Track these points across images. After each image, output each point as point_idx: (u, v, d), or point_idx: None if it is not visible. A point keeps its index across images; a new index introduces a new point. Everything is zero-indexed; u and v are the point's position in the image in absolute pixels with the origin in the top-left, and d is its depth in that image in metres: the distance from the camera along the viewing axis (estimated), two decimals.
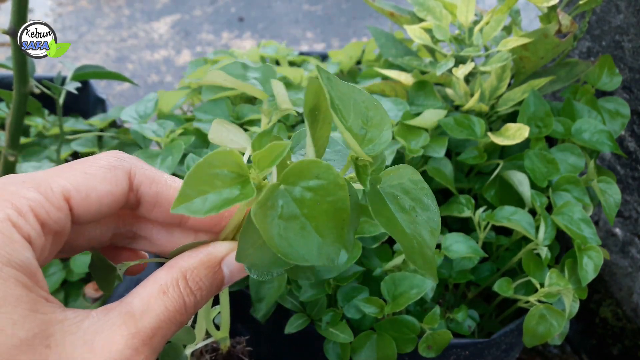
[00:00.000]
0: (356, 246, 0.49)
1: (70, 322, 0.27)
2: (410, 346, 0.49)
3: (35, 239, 0.28)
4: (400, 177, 0.30)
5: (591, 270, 0.50)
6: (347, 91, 0.29)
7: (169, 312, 0.29)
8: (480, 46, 0.58)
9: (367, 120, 0.30)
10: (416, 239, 0.29)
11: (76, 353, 0.26)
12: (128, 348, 0.27)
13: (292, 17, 1.75)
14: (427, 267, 0.28)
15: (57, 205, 0.30)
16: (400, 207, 0.29)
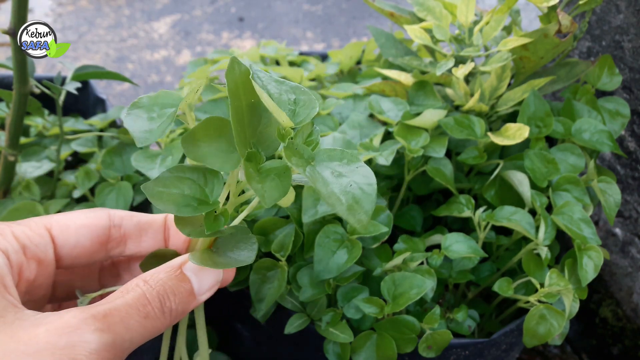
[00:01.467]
0: (356, 246, 0.49)
1: (25, 313, 0.28)
2: (410, 346, 0.49)
3: (11, 253, 0.31)
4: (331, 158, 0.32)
5: (591, 270, 0.50)
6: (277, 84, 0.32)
7: (128, 301, 0.29)
8: (480, 46, 0.58)
9: (297, 101, 0.32)
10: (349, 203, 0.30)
11: (21, 328, 0.26)
12: (74, 318, 0.27)
13: (292, 17, 1.75)
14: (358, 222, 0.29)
15: (38, 232, 0.33)
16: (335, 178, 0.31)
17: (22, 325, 0.27)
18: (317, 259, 0.49)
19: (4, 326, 0.26)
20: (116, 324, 0.28)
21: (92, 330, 0.26)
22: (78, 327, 0.26)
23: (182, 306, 0.31)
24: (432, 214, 0.59)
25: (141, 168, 0.56)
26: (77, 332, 0.26)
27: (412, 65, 0.64)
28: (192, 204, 0.31)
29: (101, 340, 0.27)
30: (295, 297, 0.51)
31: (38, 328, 0.26)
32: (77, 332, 0.26)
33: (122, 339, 0.28)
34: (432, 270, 0.51)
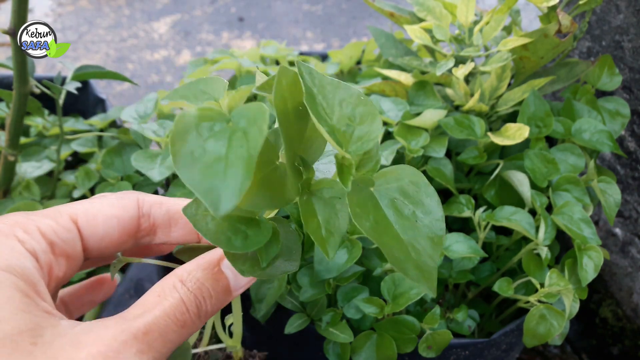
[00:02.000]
0: (356, 246, 0.49)
1: (63, 327, 0.27)
2: (410, 346, 0.49)
3: (40, 254, 0.29)
4: (399, 179, 0.28)
5: (591, 270, 0.50)
6: (332, 88, 0.27)
7: (167, 312, 0.28)
8: (480, 46, 0.58)
9: (354, 117, 0.27)
10: (413, 246, 0.26)
11: (62, 349, 0.25)
12: (115, 341, 0.26)
13: (292, 17, 1.75)
14: (424, 278, 0.25)
15: (65, 226, 0.31)
16: (397, 211, 0.27)
17: (62, 345, 0.26)
18: (317, 259, 0.49)
19: (44, 347, 0.25)
20: (155, 340, 0.27)
21: (134, 354, 0.26)
22: (120, 352, 0.26)
23: (217, 306, 0.30)
24: None
25: (141, 168, 0.56)
26: (120, 357, 0.26)
27: (412, 65, 0.64)
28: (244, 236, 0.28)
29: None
30: (295, 297, 0.51)
31: (79, 351, 0.25)
32: (120, 358, 0.26)
33: (161, 355, 0.28)
34: None
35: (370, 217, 0.26)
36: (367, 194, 0.27)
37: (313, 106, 0.25)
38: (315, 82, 0.26)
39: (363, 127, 0.27)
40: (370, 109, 0.27)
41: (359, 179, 0.27)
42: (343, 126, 0.27)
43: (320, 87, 0.26)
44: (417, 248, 0.26)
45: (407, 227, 0.27)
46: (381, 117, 0.59)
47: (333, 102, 0.27)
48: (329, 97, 0.27)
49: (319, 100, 0.26)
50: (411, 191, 0.28)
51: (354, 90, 0.27)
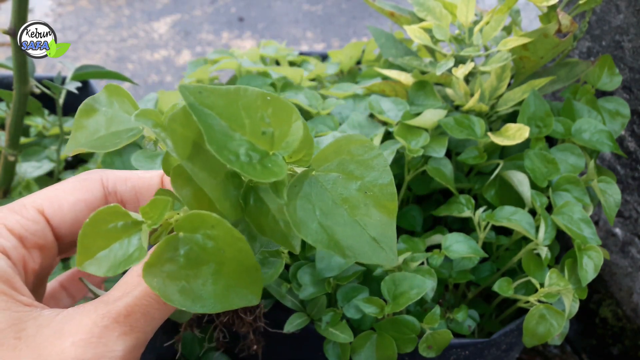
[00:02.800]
0: None
1: (44, 318, 0.27)
2: (410, 346, 0.49)
3: (10, 250, 0.29)
4: (339, 152, 0.26)
5: (591, 270, 0.50)
6: (227, 101, 0.24)
7: (147, 291, 0.28)
8: (480, 46, 0.58)
9: (268, 119, 0.25)
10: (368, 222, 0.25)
11: (46, 341, 0.26)
12: (96, 326, 0.26)
13: (292, 17, 1.75)
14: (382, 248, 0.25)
15: (32, 218, 0.31)
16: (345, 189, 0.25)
17: (46, 336, 0.26)
18: (318, 257, 0.49)
19: (29, 340, 0.26)
20: (138, 321, 0.27)
21: (117, 337, 0.26)
22: (102, 337, 0.26)
23: None
24: (432, 214, 0.59)
25: (141, 168, 0.56)
26: (101, 341, 0.26)
27: (412, 65, 0.64)
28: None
29: (126, 345, 0.26)
30: (295, 296, 0.51)
31: (63, 341, 0.26)
32: (102, 343, 0.26)
33: (145, 334, 0.28)
34: (433, 270, 0.51)
35: (316, 213, 0.25)
36: (309, 185, 0.25)
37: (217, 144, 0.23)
38: (209, 102, 0.24)
39: (282, 126, 0.25)
40: (282, 104, 0.25)
41: (297, 178, 0.25)
42: (259, 133, 0.25)
43: (218, 104, 0.24)
44: (371, 222, 0.25)
45: (358, 203, 0.25)
46: (381, 117, 0.59)
47: (239, 112, 0.24)
48: (232, 109, 0.24)
49: (224, 118, 0.24)
50: (355, 161, 0.26)
51: (256, 91, 0.25)
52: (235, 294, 0.25)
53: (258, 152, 0.24)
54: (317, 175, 0.26)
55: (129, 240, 0.25)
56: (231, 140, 0.24)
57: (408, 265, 0.52)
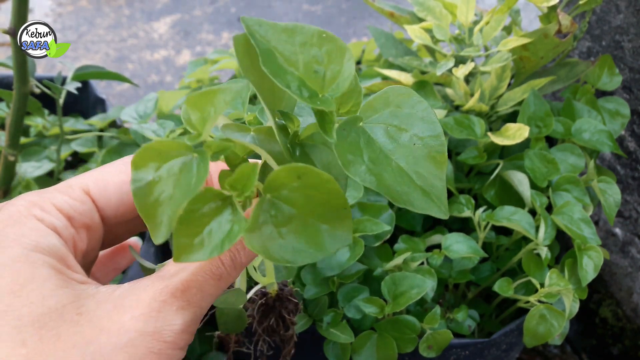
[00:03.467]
0: (358, 244, 0.49)
1: (102, 294, 0.27)
2: (410, 346, 0.49)
3: (61, 229, 0.29)
4: (388, 103, 0.26)
5: (591, 270, 0.50)
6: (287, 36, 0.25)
7: (203, 267, 0.28)
8: (480, 46, 0.58)
9: (321, 58, 0.25)
10: (417, 172, 0.25)
11: (106, 316, 0.26)
12: (155, 301, 0.27)
13: (292, 17, 1.75)
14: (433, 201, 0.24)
15: (79, 198, 0.31)
16: (393, 140, 0.25)
17: (106, 311, 0.26)
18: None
19: (90, 315, 0.26)
20: (194, 296, 0.28)
21: (175, 311, 0.27)
22: (161, 311, 0.26)
23: (250, 256, 0.30)
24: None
25: None
26: (161, 315, 0.26)
27: (412, 65, 0.64)
28: None
29: (184, 319, 0.27)
30: (298, 296, 0.51)
31: (123, 315, 0.26)
32: (161, 316, 0.26)
33: (201, 309, 0.28)
34: (433, 270, 0.51)
35: (364, 159, 0.25)
36: (357, 133, 0.26)
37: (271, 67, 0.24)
38: (268, 35, 0.25)
39: (334, 65, 0.25)
40: (337, 44, 0.25)
41: (345, 122, 0.26)
42: (311, 72, 0.25)
43: (276, 38, 0.25)
44: (420, 173, 0.25)
45: (406, 154, 0.25)
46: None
47: (295, 49, 0.25)
48: (289, 46, 0.25)
49: (278, 53, 0.25)
50: (404, 113, 0.26)
51: (313, 29, 0.25)
52: (329, 238, 0.25)
53: (308, 91, 0.25)
54: (365, 125, 0.26)
55: (221, 218, 0.25)
56: (285, 73, 0.24)
57: (408, 265, 0.52)
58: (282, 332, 0.42)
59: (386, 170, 0.25)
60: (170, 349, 0.26)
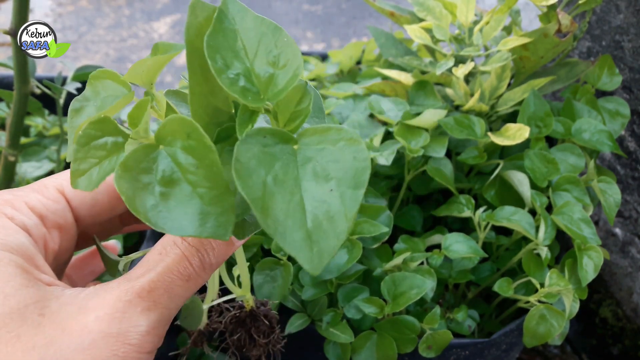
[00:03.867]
0: (356, 246, 0.49)
1: (67, 296, 0.27)
2: (410, 346, 0.49)
3: (32, 228, 0.29)
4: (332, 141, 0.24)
5: (591, 270, 0.50)
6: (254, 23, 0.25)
7: (170, 267, 0.28)
8: (480, 46, 0.58)
9: (277, 60, 0.24)
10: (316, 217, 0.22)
11: (70, 317, 0.26)
12: (119, 301, 0.26)
13: (292, 17, 1.75)
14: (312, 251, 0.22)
15: (53, 197, 0.31)
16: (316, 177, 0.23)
17: (70, 313, 0.26)
18: None
19: (52, 317, 0.26)
20: (161, 297, 0.27)
21: (140, 312, 0.26)
22: (126, 312, 0.26)
23: (220, 257, 0.30)
24: (432, 214, 0.59)
25: None
26: (126, 316, 0.26)
27: (412, 65, 0.64)
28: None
29: (150, 320, 0.26)
30: (296, 297, 0.51)
31: (87, 316, 0.26)
32: (126, 317, 0.26)
33: (169, 311, 0.28)
34: (432, 270, 0.51)
35: (268, 175, 0.22)
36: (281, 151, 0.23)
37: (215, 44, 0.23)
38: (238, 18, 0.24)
39: (286, 72, 0.24)
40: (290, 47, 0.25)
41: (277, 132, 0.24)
42: (262, 70, 0.24)
43: (244, 25, 0.24)
44: (319, 220, 0.22)
45: (319, 197, 0.23)
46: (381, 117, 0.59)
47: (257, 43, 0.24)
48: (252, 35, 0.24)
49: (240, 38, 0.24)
50: (345, 159, 0.23)
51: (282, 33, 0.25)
52: (206, 221, 0.23)
53: (250, 84, 0.24)
54: (298, 149, 0.24)
55: (117, 157, 0.24)
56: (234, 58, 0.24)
57: (408, 265, 0.52)
58: (248, 351, 0.41)
59: (282, 196, 0.22)
60: (136, 352, 0.26)
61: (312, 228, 0.22)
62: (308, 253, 0.22)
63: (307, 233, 0.22)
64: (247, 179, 0.22)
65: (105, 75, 0.28)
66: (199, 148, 0.23)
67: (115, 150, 0.24)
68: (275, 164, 0.23)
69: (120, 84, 0.27)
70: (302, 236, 0.22)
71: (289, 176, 0.23)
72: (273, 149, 0.23)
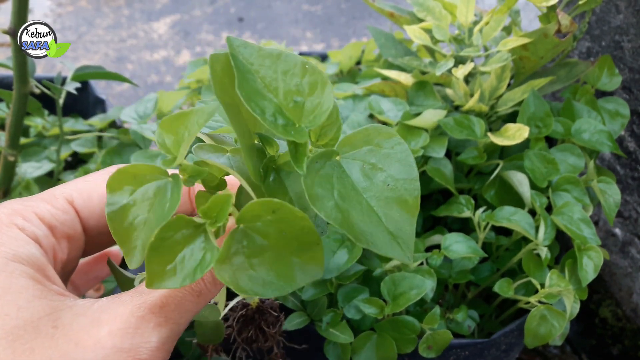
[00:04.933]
0: (356, 246, 0.49)
1: (80, 307, 0.27)
2: (410, 346, 0.49)
3: (42, 238, 0.29)
4: (367, 141, 0.26)
5: (591, 271, 0.50)
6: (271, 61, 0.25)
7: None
8: (480, 46, 0.58)
9: (302, 88, 0.25)
10: (387, 214, 0.25)
11: (82, 330, 0.26)
12: (132, 316, 0.26)
13: (291, 17, 1.75)
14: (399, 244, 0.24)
15: (62, 208, 0.31)
16: (367, 178, 0.25)
17: (82, 326, 0.26)
18: None
19: (65, 329, 0.26)
20: (172, 312, 0.27)
21: (152, 328, 0.26)
22: (138, 327, 0.26)
23: None
24: (432, 214, 0.59)
25: None
26: (138, 332, 0.26)
27: (411, 65, 0.64)
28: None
29: (161, 336, 0.27)
30: (296, 297, 0.51)
31: (99, 330, 0.26)
32: (138, 333, 0.26)
33: (179, 326, 0.28)
34: (432, 270, 0.51)
35: (334, 194, 0.24)
36: (331, 167, 0.25)
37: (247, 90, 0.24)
38: (252, 58, 0.25)
39: (313, 98, 0.25)
40: (318, 76, 0.25)
41: (320, 154, 0.25)
42: (291, 101, 0.25)
43: (259, 63, 0.25)
44: (390, 215, 0.25)
45: (379, 194, 0.25)
46: (381, 117, 0.59)
47: (276, 76, 0.25)
48: (270, 72, 0.25)
49: (259, 78, 0.25)
50: (383, 153, 0.26)
51: (297, 58, 0.25)
52: (300, 271, 0.25)
53: (285, 119, 0.24)
54: (341, 159, 0.25)
55: (193, 246, 0.24)
56: (262, 99, 0.24)
57: (407, 265, 0.52)
58: (261, 344, 0.42)
59: (355, 208, 0.24)
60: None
61: (388, 225, 0.24)
62: (398, 249, 0.24)
63: (388, 232, 0.24)
64: (323, 207, 0.24)
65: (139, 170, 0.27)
66: (288, 218, 0.24)
67: (189, 241, 0.25)
68: (333, 182, 0.25)
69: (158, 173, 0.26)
70: (387, 238, 0.24)
71: (347, 187, 0.25)
72: (325, 170, 0.25)
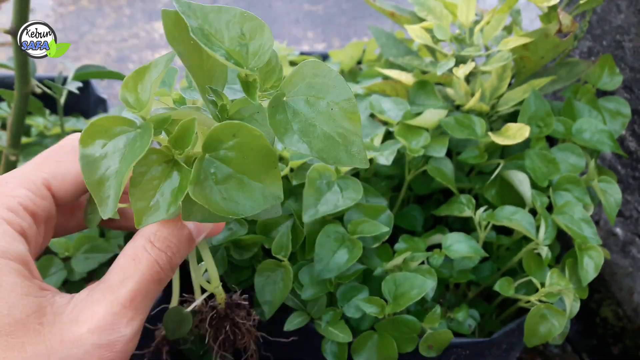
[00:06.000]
0: (357, 246, 0.49)
1: (58, 305, 0.29)
2: (411, 346, 0.49)
3: (28, 231, 0.31)
4: (304, 77, 0.30)
5: (592, 270, 0.50)
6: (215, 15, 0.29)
7: (144, 275, 0.30)
8: (480, 46, 0.58)
9: (244, 35, 0.29)
10: (338, 133, 0.29)
11: (64, 327, 0.28)
12: (108, 314, 0.29)
13: (292, 17, 1.75)
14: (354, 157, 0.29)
15: (41, 195, 0.32)
16: (313, 108, 0.29)
17: (64, 324, 0.28)
18: (317, 259, 0.49)
19: (49, 326, 0.28)
20: (141, 303, 0.30)
21: (126, 323, 0.29)
22: (115, 323, 0.29)
23: (183, 256, 0.33)
24: (432, 213, 0.59)
25: None
26: (114, 328, 0.29)
27: (412, 65, 0.64)
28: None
29: (133, 328, 0.30)
30: (296, 295, 0.51)
31: (80, 327, 0.28)
32: (115, 329, 0.29)
33: (145, 315, 0.31)
34: (433, 270, 0.51)
35: (295, 129, 0.28)
36: (284, 108, 0.29)
37: (202, 38, 0.27)
38: (197, 14, 0.28)
39: (255, 41, 0.29)
40: (257, 22, 0.30)
41: (273, 99, 0.29)
42: (236, 46, 0.29)
43: (204, 17, 0.28)
44: (341, 133, 0.29)
45: (327, 119, 0.29)
46: (382, 117, 0.59)
47: (220, 27, 0.29)
48: (215, 23, 0.29)
49: (206, 29, 0.28)
50: (319, 83, 0.29)
51: (236, 10, 0.29)
52: (262, 196, 0.28)
53: (235, 62, 0.28)
54: (288, 99, 0.29)
55: (170, 180, 0.27)
56: (213, 45, 0.28)
57: (408, 265, 0.52)
58: (238, 342, 0.42)
59: (314, 136, 0.28)
60: (118, 357, 0.29)
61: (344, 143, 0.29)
62: (356, 161, 0.29)
63: (345, 149, 0.29)
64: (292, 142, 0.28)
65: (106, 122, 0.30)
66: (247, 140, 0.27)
67: (165, 176, 0.28)
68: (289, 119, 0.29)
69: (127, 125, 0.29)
70: (345, 154, 0.29)
71: (302, 120, 0.29)
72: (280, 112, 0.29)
